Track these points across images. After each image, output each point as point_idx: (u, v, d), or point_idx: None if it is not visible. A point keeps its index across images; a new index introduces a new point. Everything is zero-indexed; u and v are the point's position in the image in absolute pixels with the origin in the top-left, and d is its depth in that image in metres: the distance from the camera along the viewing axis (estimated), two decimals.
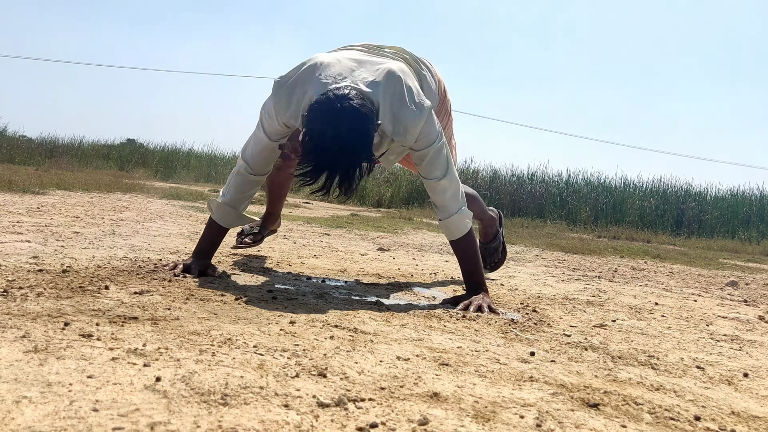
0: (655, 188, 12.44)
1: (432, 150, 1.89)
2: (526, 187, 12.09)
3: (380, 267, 2.76)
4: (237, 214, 2.05)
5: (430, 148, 1.89)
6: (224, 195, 2.04)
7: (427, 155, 1.90)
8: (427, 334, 1.42)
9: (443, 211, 1.95)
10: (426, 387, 1.01)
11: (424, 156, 1.90)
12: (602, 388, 1.12)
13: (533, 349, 1.37)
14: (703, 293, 2.91)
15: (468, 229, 1.95)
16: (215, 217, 2.03)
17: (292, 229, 4.46)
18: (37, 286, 1.44)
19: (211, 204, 2.06)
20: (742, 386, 1.25)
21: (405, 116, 1.82)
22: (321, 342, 1.24)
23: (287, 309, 1.54)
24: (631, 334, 1.70)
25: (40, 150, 13.99)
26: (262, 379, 0.96)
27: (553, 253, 4.77)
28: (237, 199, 2.04)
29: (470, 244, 1.95)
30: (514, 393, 1.03)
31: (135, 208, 4.73)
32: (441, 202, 1.94)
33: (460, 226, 1.94)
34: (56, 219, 3.20)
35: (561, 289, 2.57)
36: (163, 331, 1.18)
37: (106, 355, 0.99)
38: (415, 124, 1.83)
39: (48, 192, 5.25)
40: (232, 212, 2.03)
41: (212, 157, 15.89)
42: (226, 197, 2.03)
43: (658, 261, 4.91)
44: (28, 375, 0.86)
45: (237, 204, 2.04)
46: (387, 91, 1.81)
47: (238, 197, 2.04)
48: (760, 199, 12.08)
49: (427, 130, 1.87)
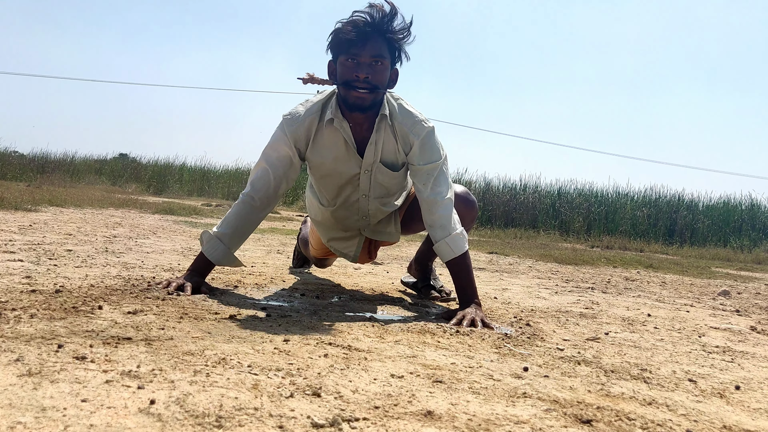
0: (647, 197, 12.53)
1: (441, 165, 1.97)
2: (519, 198, 12.14)
3: (374, 281, 2.77)
4: (225, 251, 1.97)
5: (439, 162, 1.96)
6: (220, 226, 1.99)
7: (436, 169, 1.96)
8: (420, 351, 1.42)
9: (443, 231, 1.94)
10: (420, 405, 1.02)
11: (433, 170, 1.96)
12: (595, 403, 1.12)
13: (527, 364, 1.38)
14: (695, 303, 2.92)
15: (466, 249, 1.96)
16: (204, 250, 1.97)
17: (285, 244, 4.46)
18: (30, 307, 1.44)
19: (203, 236, 2.00)
20: (733, 399, 1.26)
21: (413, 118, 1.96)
22: (315, 360, 1.24)
23: (281, 327, 1.54)
24: (624, 346, 1.71)
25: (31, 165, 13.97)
26: (256, 399, 0.96)
27: (547, 264, 4.78)
28: (229, 234, 1.98)
29: (466, 260, 1.96)
30: (508, 410, 1.04)
31: (128, 224, 4.73)
32: (441, 221, 1.95)
33: (459, 243, 1.94)
34: (49, 237, 3.19)
35: (554, 301, 2.58)
36: (157, 351, 1.18)
37: (100, 377, 0.99)
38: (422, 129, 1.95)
39: (40, 209, 5.23)
40: (221, 248, 1.97)
41: (205, 171, 15.90)
42: (222, 229, 1.98)
43: (651, 271, 4.93)
44: (22, 399, 0.86)
45: (229, 240, 1.98)
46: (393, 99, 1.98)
47: (231, 231, 1.98)
48: (751, 207, 12.17)
49: (436, 144, 1.98)
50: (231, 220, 1.99)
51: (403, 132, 1.95)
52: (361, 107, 1.85)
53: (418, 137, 1.94)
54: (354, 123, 1.94)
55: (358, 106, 1.85)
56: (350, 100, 1.85)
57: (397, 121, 1.94)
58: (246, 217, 2.00)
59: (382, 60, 1.82)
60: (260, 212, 2.03)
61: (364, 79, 1.80)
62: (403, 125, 1.94)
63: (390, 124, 1.94)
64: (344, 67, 1.83)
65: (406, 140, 1.96)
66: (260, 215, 2.03)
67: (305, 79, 1.88)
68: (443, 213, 1.95)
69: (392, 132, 1.95)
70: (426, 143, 1.95)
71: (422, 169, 1.95)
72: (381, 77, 1.83)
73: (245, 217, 2.00)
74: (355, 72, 1.80)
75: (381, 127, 1.94)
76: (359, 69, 1.80)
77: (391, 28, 1.82)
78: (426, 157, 1.95)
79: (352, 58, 1.80)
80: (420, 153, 1.95)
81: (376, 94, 1.85)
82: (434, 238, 1.97)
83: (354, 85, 1.81)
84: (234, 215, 2.00)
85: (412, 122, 1.95)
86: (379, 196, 2.09)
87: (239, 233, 2.01)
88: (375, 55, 1.80)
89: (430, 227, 1.98)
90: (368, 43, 1.78)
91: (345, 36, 1.79)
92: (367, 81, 1.81)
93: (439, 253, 1.96)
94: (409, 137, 1.95)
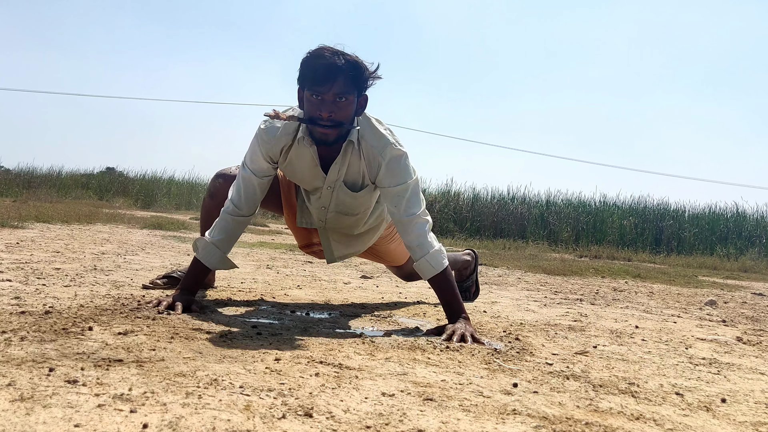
0: (633, 207, 12.63)
1: (411, 184, 1.99)
2: (508, 209, 12.20)
3: (364, 296, 2.78)
4: (221, 256, 2.05)
5: (410, 182, 1.98)
6: (212, 233, 2.05)
7: (408, 189, 1.98)
8: (411, 368, 1.43)
9: (420, 250, 1.96)
10: (411, 424, 1.03)
11: (404, 191, 1.98)
12: (584, 419, 1.14)
13: (516, 380, 1.39)
14: (682, 314, 2.95)
15: (446, 264, 1.98)
16: (199, 256, 2.03)
17: (275, 258, 4.46)
18: (20, 330, 1.44)
19: (198, 243, 2.06)
20: (720, 412, 1.28)
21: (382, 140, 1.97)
22: (306, 380, 1.25)
23: (272, 345, 1.55)
24: (612, 360, 1.73)
25: (17, 181, 13.86)
26: (249, 421, 0.97)
27: (535, 275, 4.81)
28: (223, 239, 2.05)
29: (446, 276, 1.98)
30: (498, 427, 1.05)
31: (116, 240, 4.71)
32: (417, 240, 1.97)
33: (438, 260, 1.96)
34: (36, 255, 3.18)
35: (543, 314, 2.60)
36: (149, 373, 1.19)
37: (92, 401, 0.99)
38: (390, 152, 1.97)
39: (27, 226, 5.20)
40: (217, 253, 2.03)
41: (193, 184, 15.86)
42: (214, 236, 2.04)
43: (638, 280, 4.97)
44: (15, 426, 0.86)
45: (223, 245, 2.05)
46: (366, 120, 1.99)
47: (223, 237, 2.05)
48: (737, 215, 12.30)
49: (405, 166, 1.99)
50: (221, 228, 2.05)
51: (371, 154, 1.96)
52: (325, 142, 1.90)
53: (384, 159, 1.96)
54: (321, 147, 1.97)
55: (322, 141, 1.89)
56: (315, 135, 1.89)
57: (366, 142, 1.96)
58: (234, 226, 2.07)
59: (347, 96, 1.83)
60: (246, 219, 2.10)
61: (327, 117, 1.82)
62: (372, 147, 1.96)
63: (356, 149, 1.97)
64: (309, 103, 1.85)
65: (373, 162, 1.98)
66: (246, 221, 2.11)
67: (271, 116, 1.92)
68: (419, 232, 1.97)
69: (359, 154, 1.98)
70: (394, 166, 1.97)
71: (392, 191, 1.98)
72: (345, 113, 1.85)
73: (233, 228, 2.07)
74: (318, 110, 1.82)
75: (348, 151, 1.97)
76: (323, 107, 1.82)
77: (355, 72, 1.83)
78: (395, 179, 1.97)
79: (316, 95, 1.82)
80: (388, 175, 1.97)
81: (340, 129, 1.88)
82: (414, 258, 1.99)
83: (318, 123, 1.84)
84: (222, 226, 2.06)
85: (381, 145, 1.96)
86: (340, 212, 2.13)
87: (230, 237, 2.08)
88: (339, 93, 1.81)
89: (409, 248, 2.01)
90: (332, 82, 1.79)
91: (310, 72, 1.81)
92: (330, 119, 1.83)
93: (420, 271, 1.98)
94: (376, 159, 1.97)
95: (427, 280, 1.99)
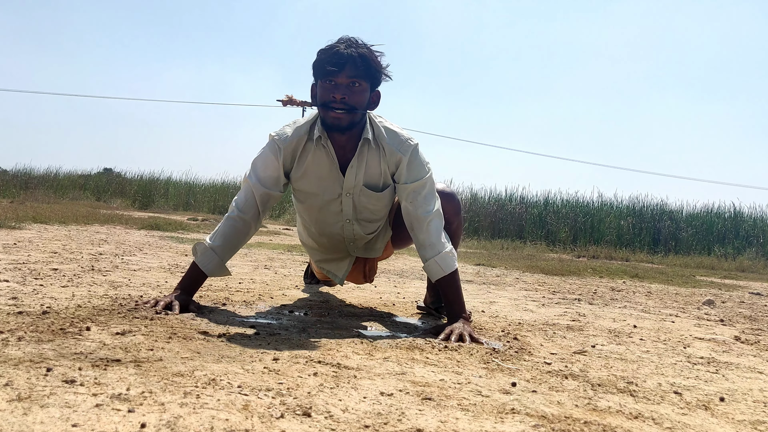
0: (631, 207, 12.63)
1: (428, 180, 2.00)
2: (506, 209, 12.20)
3: (362, 296, 2.78)
4: (219, 263, 2.01)
5: (426, 178, 1.99)
6: (213, 238, 2.03)
7: (423, 187, 1.99)
8: (409, 367, 1.43)
9: (432, 249, 1.96)
10: (410, 423, 1.03)
11: (420, 188, 1.99)
12: (582, 418, 1.14)
13: (515, 379, 1.39)
14: (680, 313, 2.96)
15: (455, 267, 1.98)
16: (198, 261, 2.00)
17: (273, 258, 4.46)
18: (17, 330, 1.44)
19: (197, 247, 2.02)
20: (718, 411, 1.28)
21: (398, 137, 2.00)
22: (305, 379, 1.25)
23: (270, 345, 1.55)
24: (611, 359, 1.73)
25: (15, 182, 13.85)
26: (247, 421, 0.97)
27: (534, 275, 4.81)
28: (223, 246, 2.02)
29: (455, 277, 1.98)
30: (497, 426, 1.05)
31: (113, 241, 4.70)
32: (430, 239, 1.97)
33: (449, 262, 1.96)
34: (34, 255, 3.17)
35: (541, 314, 2.60)
36: (147, 373, 1.18)
37: (90, 401, 0.99)
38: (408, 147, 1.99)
39: (24, 226, 5.19)
40: (215, 259, 2.00)
41: (191, 185, 15.83)
42: (215, 241, 2.02)
43: (636, 280, 4.97)
44: (13, 426, 0.86)
45: (222, 251, 2.02)
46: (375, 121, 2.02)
47: (224, 244, 2.02)
48: (735, 215, 12.31)
49: (421, 160, 2.02)
50: (223, 234, 2.03)
51: (390, 151, 1.98)
52: (338, 127, 1.89)
53: (405, 154, 1.98)
54: (337, 146, 1.98)
55: (335, 126, 1.89)
56: (328, 120, 1.89)
57: (384, 141, 1.98)
58: (236, 235, 2.04)
59: (360, 81, 1.85)
60: (250, 229, 2.07)
61: (340, 100, 1.84)
62: (390, 144, 1.98)
63: (374, 147, 1.98)
64: (323, 89, 1.87)
65: (393, 158, 1.98)
66: (251, 232, 2.08)
67: (284, 101, 1.94)
68: (433, 230, 1.97)
69: (377, 153, 1.98)
70: (413, 161, 1.99)
71: (408, 188, 1.99)
72: (358, 98, 1.87)
73: (236, 235, 2.04)
74: (332, 93, 1.84)
75: (363, 151, 1.98)
76: (336, 90, 1.84)
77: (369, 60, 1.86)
78: (413, 175, 1.99)
79: (330, 80, 1.85)
80: (407, 171, 1.99)
81: (354, 115, 1.88)
82: (423, 258, 1.99)
83: (331, 105, 1.85)
84: (225, 232, 2.03)
85: (399, 141, 1.99)
86: (363, 219, 2.12)
87: (231, 246, 2.05)
88: (352, 76, 1.84)
89: (420, 246, 2.00)
90: (346, 66, 1.82)
91: (325, 60, 1.84)
92: (343, 102, 1.84)
93: (429, 272, 1.98)
94: (396, 155, 1.98)
95: (434, 281, 1.99)
